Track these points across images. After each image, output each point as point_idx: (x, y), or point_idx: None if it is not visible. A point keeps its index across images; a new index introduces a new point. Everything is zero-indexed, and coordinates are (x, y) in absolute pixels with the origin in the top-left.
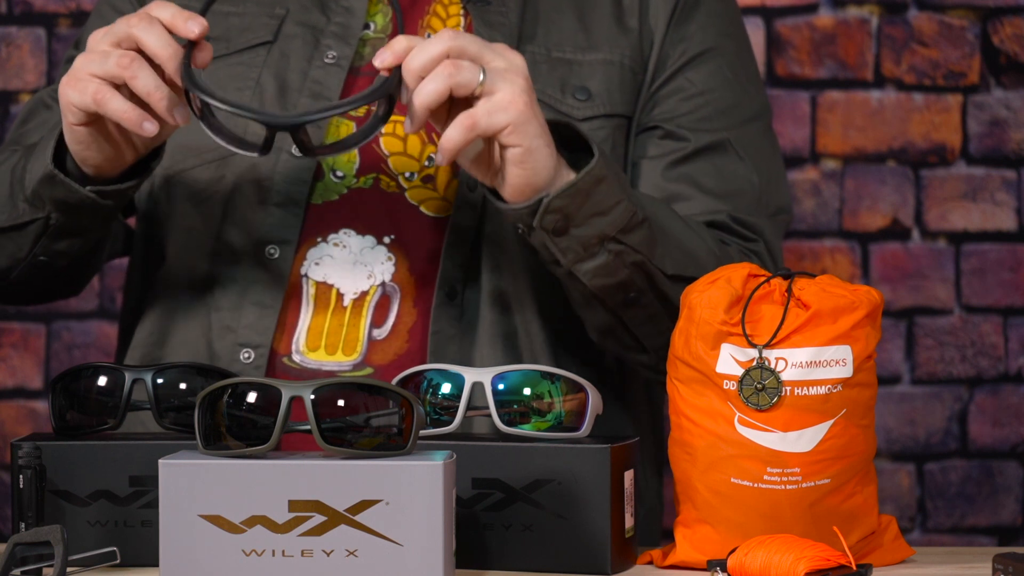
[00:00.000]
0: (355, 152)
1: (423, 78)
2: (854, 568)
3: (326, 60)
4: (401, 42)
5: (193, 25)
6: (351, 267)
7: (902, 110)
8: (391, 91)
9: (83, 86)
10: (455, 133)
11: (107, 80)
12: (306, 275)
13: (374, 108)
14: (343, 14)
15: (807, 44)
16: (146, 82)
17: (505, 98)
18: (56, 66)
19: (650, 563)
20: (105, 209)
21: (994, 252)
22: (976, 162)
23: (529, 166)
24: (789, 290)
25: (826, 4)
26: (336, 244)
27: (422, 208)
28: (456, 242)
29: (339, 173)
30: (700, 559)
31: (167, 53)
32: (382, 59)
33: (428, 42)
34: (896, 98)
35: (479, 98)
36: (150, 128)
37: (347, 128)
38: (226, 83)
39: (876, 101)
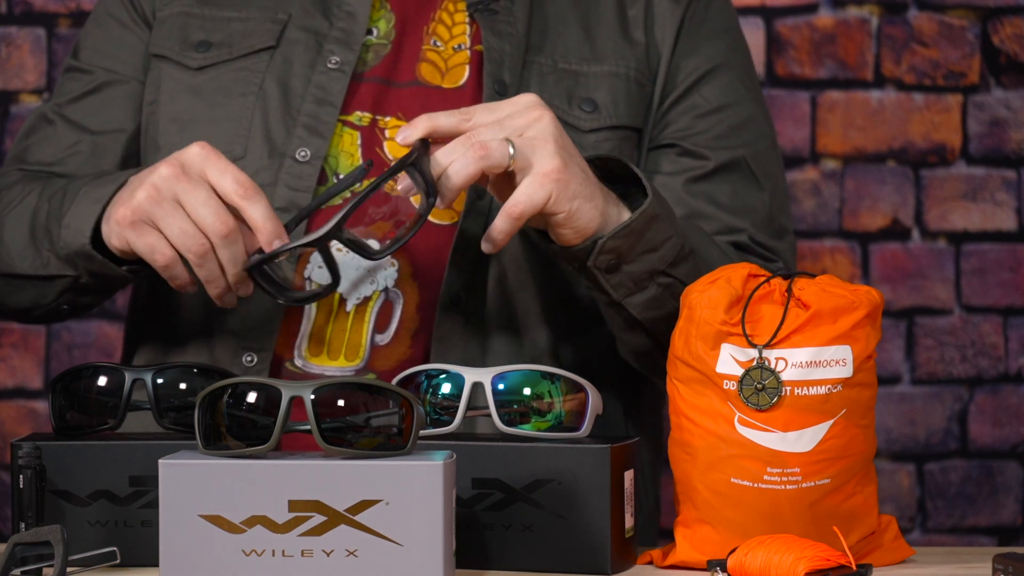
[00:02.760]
0: (358, 157)
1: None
2: (854, 568)
3: (329, 65)
4: (422, 120)
5: (276, 241)
6: (354, 272)
7: (902, 110)
8: (416, 163)
9: (149, 242)
10: (504, 225)
11: (175, 247)
12: (309, 279)
13: (405, 185)
14: (345, 19)
15: (807, 44)
16: (211, 272)
17: (540, 172)
18: (56, 66)
19: (650, 563)
20: (138, 280)
21: (994, 252)
22: (976, 162)
23: (573, 225)
24: (789, 290)
25: (826, 4)
26: (339, 249)
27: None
28: (463, 248)
29: (342, 177)
30: (700, 559)
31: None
32: (404, 135)
33: (446, 119)
34: (896, 98)
35: (513, 173)
36: (192, 289)
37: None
38: (230, 88)
39: (876, 101)
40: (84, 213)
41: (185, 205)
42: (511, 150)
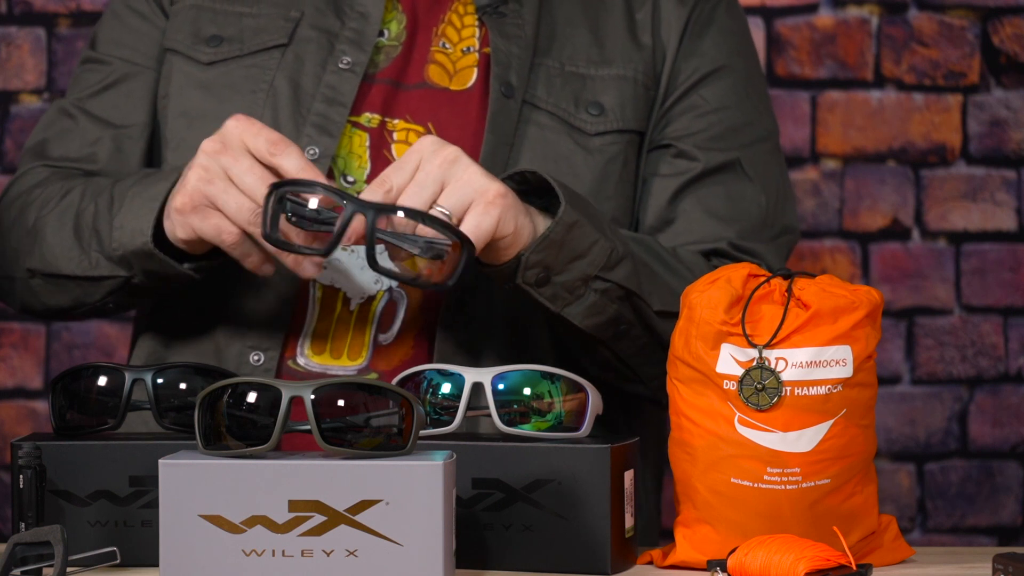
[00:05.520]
0: (366, 159)
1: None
2: (854, 568)
3: (340, 66)
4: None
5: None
6: (358, 272)
7: (902, 110)
8: (468, 245)
9: (214, 223)
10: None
11: (236, 224)
12: (313, 279)
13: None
14: (358, 19)
15: (807, 44)
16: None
17: (484, 200)
18: (56, 66)
19: (650, 563)
20: (196, 280)
21: (994, 252)
22: (976, 162)
23: (518, 244)
24: (789, 290)
25: (826, 4)
26: (344, 249)
27: None
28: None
29: (350, 179)
30: (700, 559)
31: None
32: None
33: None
34: (896, 98)
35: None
36: (268, 270)
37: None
38: (240, 84)
39: (876, 101)
40: (141, 212)
41: (233, 178)
42: (443, 214)
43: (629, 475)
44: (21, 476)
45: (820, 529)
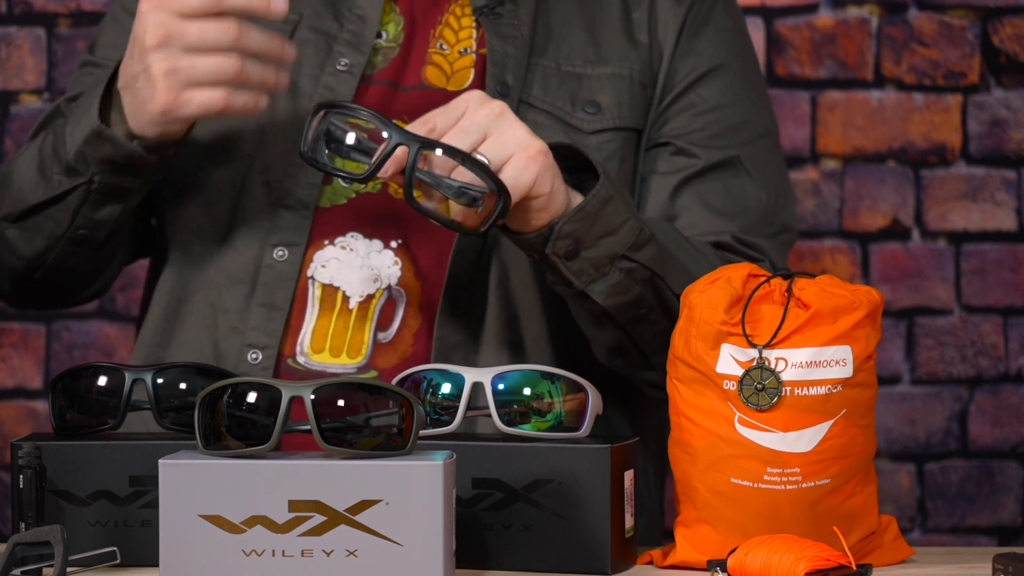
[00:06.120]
0: None
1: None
2: (854, 568)
3: (338, 67)
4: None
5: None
6: (357, 270)
7: (902, 110)
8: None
9: (199, 100)
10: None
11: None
12: (312, 277)
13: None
14: (356, 22)
15: (807, 44)
16: (255, 72)
17: (525, 155)
18: (56, 66)
19: (650, 563)
20: (149, 166)
21: (994, 252)
22: (976, 162)
23: (551, 209)
24: (789, 290)
25: (826, 4)
26: (343, 247)
27: None
28: (464, 248)
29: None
30: (700, 559)
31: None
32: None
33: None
34: (896, 98)
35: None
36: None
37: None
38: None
39: (876, 101)
40: (87, 107)
41: (194, 48)
42: (484, 160)
43: (629, 475)
44: (21, 476)
45: (820, 529)
